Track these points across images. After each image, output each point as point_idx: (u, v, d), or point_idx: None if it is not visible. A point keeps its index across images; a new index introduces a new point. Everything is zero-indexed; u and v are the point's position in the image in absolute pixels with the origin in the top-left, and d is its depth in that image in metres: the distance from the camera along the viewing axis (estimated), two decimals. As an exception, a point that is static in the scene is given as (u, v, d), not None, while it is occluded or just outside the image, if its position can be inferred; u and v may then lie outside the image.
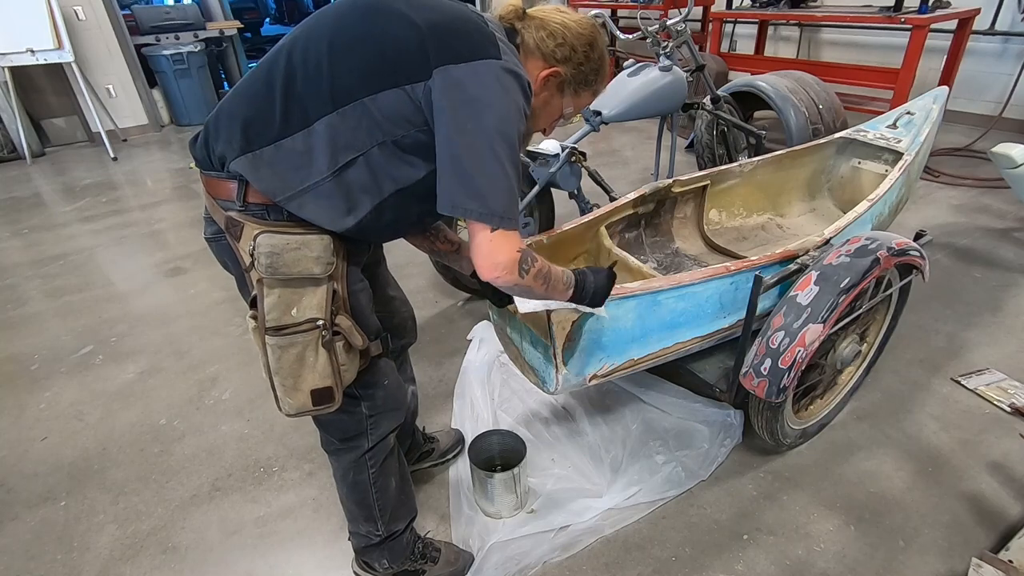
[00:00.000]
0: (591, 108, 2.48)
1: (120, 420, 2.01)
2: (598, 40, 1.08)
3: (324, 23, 0.96)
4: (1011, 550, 1.39)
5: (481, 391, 1.96)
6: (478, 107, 0.89)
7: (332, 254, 0.99)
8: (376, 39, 0.92)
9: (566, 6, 1.08)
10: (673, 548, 1.49)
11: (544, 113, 1.12)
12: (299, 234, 0.97)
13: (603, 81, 1.14)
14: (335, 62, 0.92)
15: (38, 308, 2.72)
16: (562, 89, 1.09)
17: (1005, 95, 4.08)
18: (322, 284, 1.00)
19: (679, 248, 2.22)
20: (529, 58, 1.05)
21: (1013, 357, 2.09)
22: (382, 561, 1.36)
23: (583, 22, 1.07)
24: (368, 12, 0.94)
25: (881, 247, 1.49)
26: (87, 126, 5.15)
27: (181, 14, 5.40)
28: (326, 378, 1.03)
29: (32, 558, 1.54)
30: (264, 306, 0.98)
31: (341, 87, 0.92)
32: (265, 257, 0.95)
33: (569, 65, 1.06)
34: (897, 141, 2.25)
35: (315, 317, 1.00)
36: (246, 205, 0.97)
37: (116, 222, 3.63)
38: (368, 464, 1.23)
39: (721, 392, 1.63)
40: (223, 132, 0.97)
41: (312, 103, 0.92)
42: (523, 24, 1.05)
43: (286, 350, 1.00)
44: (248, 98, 0.97)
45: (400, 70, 0.91)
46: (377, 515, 1.28)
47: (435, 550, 1.42)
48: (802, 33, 5.20)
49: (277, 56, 0.96)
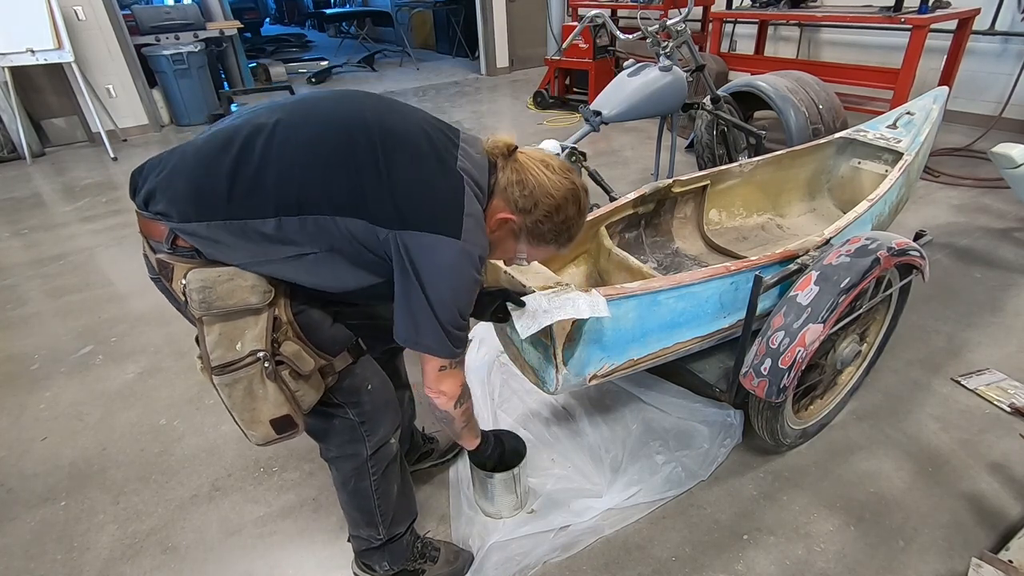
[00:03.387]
0: (591, 108, 2.48)
1: (120, 420, 2.01)
2: (567, 206, 1.08)
3: (308, 126, 0.98)
4: (1011, 550, 1.39)
5: (481, 391, 1.96)
6: (434, 277, 0.96)
7: (268, 283, 0.98)
8: (353, 172, 0.95)
9: (556, 163, 1.10)
10: (673, 548, 1.49)
11: (499, 250, 1.15)
12: (227, 265, 0.97)
13: (567, 242, 1.15)
14: (308, 175, 0.94)
15: (38, 308, 2.72)
16: (517, 236, 1.11)
17: (1005, 95, 4.08)
18: (263, 313, 0.98)
19: (679, 248, 2.22)
20: (497, 196, 1.08)
21: (1013, 357, 2.09)
22: (383, 564, 1.36)
23: (559, 184, 1.07)
24: (351, 139, 0.96)
25: (881, 247, 1.49)
26: (87, 126, 5.15)
27: (181, 14, 5.39)
28: (281, 407, 1.01)
29: (32, 558, 1.54)
30: (207, 345, 0.96)
31: (310, 199, 0.94)
32: (197, 293, 0.94)
33: (528, 218, 1.08)
34: (897, 141, 2.25)
35: (256, 349, 0.97)
36: (175, 247, 0.96)
37: (116, 222, 3.63)
38: (370, 471, 1.22)
39: (721, 392, 1.63)
40: (172, 190, 0.95)
41: (279, 200, 0.93)
42: (504, 163, 1.07)
43: (233, 387, 0.98)
44: (207, 167, 0.95)
45: (370, 210, 0.95)
46: (379, 520, 1.28)
47: (434, 550, 1.42)
48: (802, 33, 5.20)
49: (251, 135, 0.95)
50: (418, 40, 9.52)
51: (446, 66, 8.10)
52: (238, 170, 0.93)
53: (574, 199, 1.08)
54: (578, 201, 1.10)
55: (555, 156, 1.12)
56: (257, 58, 7.73)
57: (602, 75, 5.33)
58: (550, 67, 5.60)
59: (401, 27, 8.81)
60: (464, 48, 8.31)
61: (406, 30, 9.03)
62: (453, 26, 8.37)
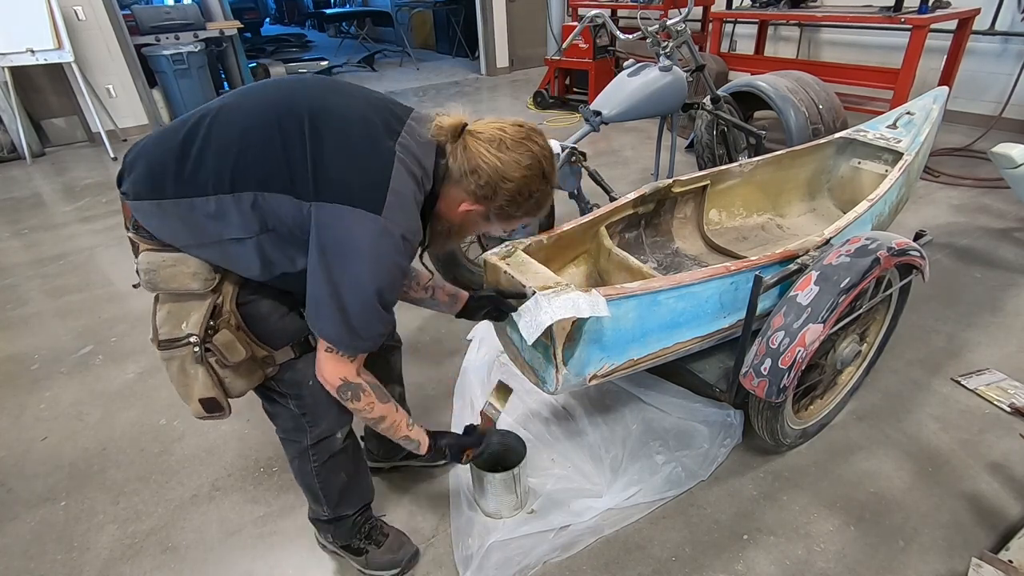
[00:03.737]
0: (591, 108, 2.48)
1: (120, 420, 2.01)
2: (530, 183, 1.03)
3: (245, 109, 1.01)
4: (1011, 550, 1.39)
5: (481, 391, 1.96)
6: (337, 252, 0.95)
7: (211, 271, 1.03)
8: (280, 150, 0.96)
9: (509, 133, 1.02)
10: (673, 548, 1.49)
11: (470, 230, 1.16)
12: (177, 252, 1.01)
13: (534, 215, 1.10)
14: (241, 154, 0.97)
15: (38, 308, 2.72)
16: (487, 218, 1.10)
17: (1005, 95, 4.08)
18: (206, 299, 1.03)
19: (679, 248, 2.22)
20: (452, 186, 1.05)
21: (1013, 357, 2.09)
22: (327, 535, 1.45)
23: (517, 163, 1.01)
24: (280, 119, 0.98)
25: (881, 247, 1.49)
26: (87, 126, 5.15)
27: (181, 14, 5.39)
28: (209, 389, 1.07)
29: (32, 558, 1.54)
30: (156, 320, 1.05)
31: (241, 176, 0.97)
32: (144, 273, 1.02)
33: (491, 203, 1.05)
34: (897, 141, 2.25)
35: (191, 333, 1.03)
36: (137, 228, 1.03)
37: (116, 222, 3.63)
38: (311, 458, 1.27)
39: (721, 392, 1.63)
40: (135, 171, 1.01)
41: (217, 178, 0.97)
42: (453, 148, 1.03)
43: (170, 363, 1.06)
44: (161, 148, 1.01)
45: (295, 185, 0.96)
46: (322, 500, 1.34)
47: (382, 535, 1.45)
48: (802, 33, 5.20)
49: (200, 119, 1.01)
50: (418, 40, 9.52)
51: (446, 66, 8.10)
52: (184, 150, 0.98)
53: (536, 173, 1.03)
54: (541, 173, 1.04)
55: (508, 123, 1.04)
56: (257, 58, 7.72)
57: (602, 75, 5.33)
58: (550, 67, 5.60)
59: (401, 27, 8.81)
60: (464, 48, 8.31)
61: (406, 30, 9.03)
62: (453, 26, 8.37)
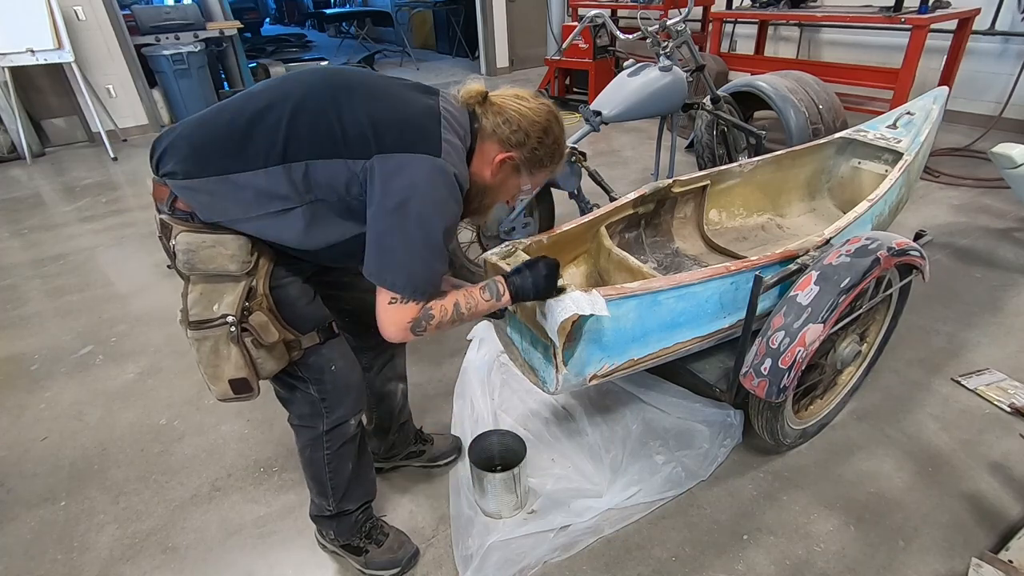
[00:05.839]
0: (591, 108, 2.48)
1: (120, 420, 2.01)
2: (552, 126, 1.16)
3: (294, 91, 1.06)
4: (1011, 550, 1.39)
5: (481, 391, 1.96)
6: (405, 195, 0.99)
7: (249, 253, 1.06)
8: (335, 120, 1.02)
9: (525, 93, 1.18)
10: (673, 548, 1.49)
11: (503, 190, 1.21)
12: (215, 233, 1.04)
13: (558, 162, 1.22)
14: (292, 127, 1.02)
15: (38, 308, 2.72)
16: (518, 170, 1.17)
17: (1005, 95, 4.08)
18: (241, 281, 1.06)
19: (679, 248, 2.22)
20: (487, 141, 1.13)
21: (1013, 357, 2.09)
22: (329, 532, 1.45)
23: (539, 109, 1.14)
24: (333, 93, 1.05)
25: (881, 247, 1.49)
26: (87, 126, 5.15)
27: (181, 14, 5.39)
28: (241, 369, 1.10)
29: (32, 558, 1.54)
30: (188, 301, 1.07)
31: (293, 148, 1.01)
32: (182, 254, 1.04)
33: (524, 150, 1.13)
34: (897, 141, 2.25)
35: (227, 313, 1.06)
36: (173, 210, 1.06)
37: (116, 222, 3.63)
38: (324, 445, 1.29)
39: (721, 392, 1.63)
40: (177, 151, 1.04)
41: (268, 151, 1.01)
42: (483, 109, 1.13)
43: (202, 343, 1.08)
44: (207, 128, 1.06)
45: (348, 146, 1.01)
46: (329, 492, 1.35)
47: (382, 534, 1.46)
48: (802, 33, 5.20)
49: (244, 100, 1.06)
50: (418, 40, 9.52)
51: (446, 66, 8.10)
52: (232, 128, 1.03)
53: (555, 118, 1.17)
54: (558, 119, 1.18)
55: (518, 90, 1.18)
56: (257, 58, 7.71)
57: (602, 75, 5.33)
58: (550, 67, 5.60)
59: (401, 27, 8.81)
60: (464, 48, 8.31)
61: (406, 30, 9.03)
62: (453, 26, 8.37)
